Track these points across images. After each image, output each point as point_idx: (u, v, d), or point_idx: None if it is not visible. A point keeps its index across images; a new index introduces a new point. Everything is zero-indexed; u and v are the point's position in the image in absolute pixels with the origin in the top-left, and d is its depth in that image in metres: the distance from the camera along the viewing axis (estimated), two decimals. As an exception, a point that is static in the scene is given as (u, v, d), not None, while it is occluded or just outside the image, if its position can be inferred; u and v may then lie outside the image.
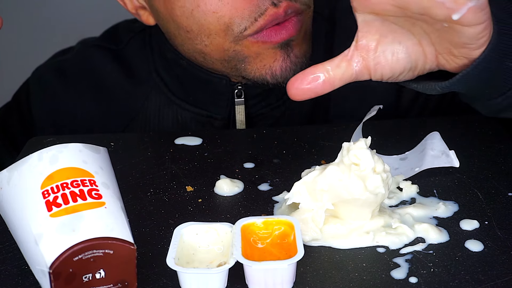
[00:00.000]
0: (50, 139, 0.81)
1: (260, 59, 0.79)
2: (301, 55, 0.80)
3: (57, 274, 0.51)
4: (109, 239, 0.52)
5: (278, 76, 0.79)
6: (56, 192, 0.54)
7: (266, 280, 0.54)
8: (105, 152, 0.59)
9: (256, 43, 0.78)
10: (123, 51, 0.97)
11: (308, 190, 0.61)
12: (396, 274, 0.57)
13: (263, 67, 0.80)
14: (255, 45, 0.78)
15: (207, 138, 0.80)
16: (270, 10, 0.76)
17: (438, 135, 0.72)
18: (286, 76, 0.79)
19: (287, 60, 0.79)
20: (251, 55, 0.79)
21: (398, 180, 0.69)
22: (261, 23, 0.76)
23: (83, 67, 0.97)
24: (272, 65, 0.79)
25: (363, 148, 0.60)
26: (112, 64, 0.96)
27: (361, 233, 0.61)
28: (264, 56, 0.79)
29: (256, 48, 0.78)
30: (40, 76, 0.99)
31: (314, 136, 0.80)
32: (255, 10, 0.76)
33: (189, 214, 0.66)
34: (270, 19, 0.76)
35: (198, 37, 0.80)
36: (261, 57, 0.79)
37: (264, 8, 0.76)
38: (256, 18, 0.76)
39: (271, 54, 0.79)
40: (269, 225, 0.59)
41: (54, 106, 0.96)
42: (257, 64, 0.80)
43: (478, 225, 0.63)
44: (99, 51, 0.97)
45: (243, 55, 0.79)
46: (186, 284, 0.55)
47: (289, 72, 0.79)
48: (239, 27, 0.77)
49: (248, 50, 0.79)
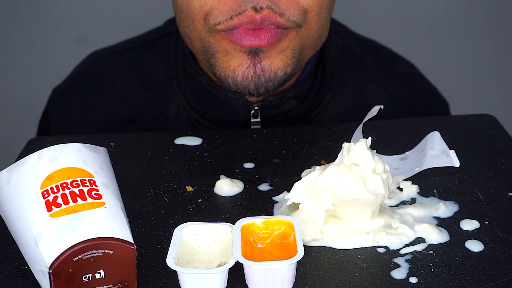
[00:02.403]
0: (50, 139, 0.81)
1: (227, 58, 0.78)
2: (270, 70, 0.77)
3: (57, 274, 0.51)
4: (109, 239, 0.52)
5: (238, 83, 0.78)
6: (56, 192, 0.54)
7: (266, 280, 0.54)
8: (105, 152, 0.59)
9: (226, 39, 0.77)
10: (138, 51, 0.96)
11: (308, 190, 0.61)
12: (396, 274, 0.57)
13: (228, 67, 0.78)
14: (225, 41, 0.77)
15: (207, 138, 0.80)
16: (249, 12, 0.75)
17: (438, 135, 0.72)
18: (246, 85, 0.77)
19: (251, 69, 0.77)
20: (220, 51, 0.78)
21: (398, 180, 0.69)
22: (235, 22, 0.75)
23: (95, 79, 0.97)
24: (236, 68, 0.78)
25: (364, 148, 0.60)
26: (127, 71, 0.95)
27: (361, 233, 0.61)
28: (231, 57, 0.78)
29: (225, 45, 0.77)
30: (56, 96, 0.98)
31: (314, 136, 0.80)
32: (234, 8, 0.75)
33: (189, 214, 0.66)
34: (245, 20, 0.75)
35: (186, 20, 0.79)
36: (228, 57, 0.78)
37: (244, 9, 0.75)
38: (232, 16, 0.75)
39: (238, 56, 0.77)
40: (269, 225, 0.59)
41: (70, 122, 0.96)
42: (224, 63, 0.78)
43: (479, 225, 0.63)
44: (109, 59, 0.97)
45: (214, 48, 0.78)
46: (186, 284, 0.55)
47: (250, 82, 0.77)
48: (214, 19, 0.76)
49: (219, 45, 0.78)
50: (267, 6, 0.74)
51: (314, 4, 0.77)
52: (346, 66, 0.94)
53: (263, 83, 0.77)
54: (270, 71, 0.77)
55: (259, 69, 0.77)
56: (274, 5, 0.75)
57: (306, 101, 0.89)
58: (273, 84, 0.78)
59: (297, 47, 0.79)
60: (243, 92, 0.78)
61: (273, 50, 0.77)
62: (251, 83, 0.77)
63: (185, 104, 0.91)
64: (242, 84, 0.78)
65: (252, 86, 0.77)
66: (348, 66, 0.94)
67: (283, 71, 0.78)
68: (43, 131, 0.98)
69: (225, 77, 0.78)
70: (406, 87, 0.97)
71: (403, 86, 0.97)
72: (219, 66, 0.79)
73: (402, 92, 0.96)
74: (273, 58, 0.77)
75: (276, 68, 0.78)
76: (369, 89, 0.94)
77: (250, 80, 0.77)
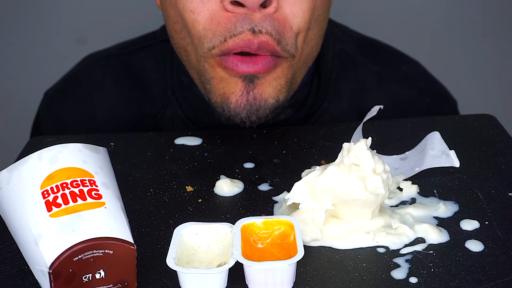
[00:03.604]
0: (50, 139, 0.81)
1: (222, 85, 0.75)
2: (261, 98, 0.74)
3: (57, 274, 0.51)
4: (109, 239, 0.52)
5: (231, 110, 0.75)
6: (56, 192, 0.54)
7: (266, 280, 0.54)
8: (105, 152, 0.59)
9: (220, 66, 0.74)
10: (133, 57, 0.94)
11: (308, 190, 0.61)
12: (396, 274, 0.57)
13: (223, 95, 0.75)
14: (219, 67, 0.74)
15: (207, 138, 0.80)
16: (246, 35, 0.71)
17: (438, 135, 0.72)
18: (238, 113, 0.75)
19: (244, 97, 0.74)
20: (215, 77, 0.75)
21: (398, 180, 0.69)
22: (230, 44, 0.71)
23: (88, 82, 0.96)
24: (230, 96, 0.75)
25: (364, 149, 0.60)
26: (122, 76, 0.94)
27: (361, 233, 0.61)
28: (227, 84, 0.75)
29: (220, 71, 0.74)
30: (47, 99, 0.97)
31: (314, 136, 0.80)
32: (229, 29, 0.71)
33: (189, 214, 0.66)
34: (241, 44, 0.71)
35: (182, 31, 0.76)
36: (224, 84, 0.75)
37: (241, 30, 0.71)
38: (226, 38, 0.71)
39: (233, 83, 0.74)
40: (269, 225, 0.59)
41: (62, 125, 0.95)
42: (220, 90, 0.75)
43: (478, 225, 0.63)
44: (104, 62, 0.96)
45: (210, 75, 0.75)
46: (186, 284, 0.55)
47: (242, 110, 0.75)
48: (208, 43, 0.73)
49: (213, 72, 0.75)
50: (267, 31, 0.71)
51: (305, 24, 0.74)
52: (343, 72, 0.92)
53: (254, 111, 0.75)
54: (261, 99, 0.74)
55: (251, 97, 0.74)
56: (274, 31, 0.71)
57: (302, 110, 0.88)
58: (264, 112, 0.75)
59: (290, 75, 0.76)
60: (235, 119, 0.76)
61: (268, 76, 0.74)
62: (243, 111, 0.75)
63: (180, 113, 0.90)
64: (235, 111, 0.75)
65: (244, 113, 0.75)
66: (346, 72, 0.92)
67: (274, 98, 0.76)
68: (36, 134, 0.97)
69: (220, 103, 0.76)
70: (411, 87, 0.95)
71: (407, 87, 0.95)
72: (214, 92, 0.76)
73: (406, 93, 0.94)
74: (265, 86, 0.75)
75: (267, 96, 0.75)
76: (370, 93, 0.92)
77: (242, 107, 0.74)
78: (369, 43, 0.99)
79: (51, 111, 0.96)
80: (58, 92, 0.97)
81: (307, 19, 0.74)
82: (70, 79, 0.98)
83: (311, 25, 0.75)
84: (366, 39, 0.99)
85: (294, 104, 0.86)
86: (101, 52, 0.99)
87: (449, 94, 0.99)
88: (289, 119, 0.87)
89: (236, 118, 0.76)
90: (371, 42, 1.00)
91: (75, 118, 0.94)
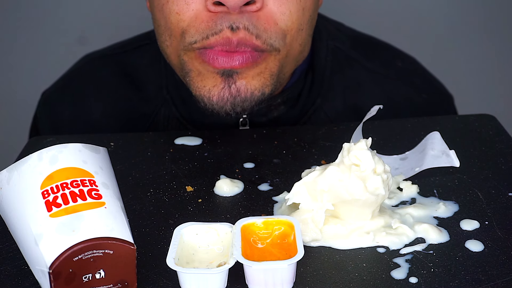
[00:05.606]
0: (50, 139, 0.81)
1: (201, 78, 0.76)
2: (246, 90, 0.75)
3: (57, 274, 0.51)
4: (109, 239, 0.52)
5: (214, 103, 0.76)
6: (56, 192, 0.54)
7: (266, 280, 0.54)
8: (105, 152, 0.59)
9: (199, 59, 0.75)
10: (129, 57, 0.95)
11: (308, 190, 0.61)
12: (396, 274, 0.57)
13: (203, 87, 0.76)
14: (197, 60, 0.75)
15: (207, 138, 0.80)
16: (225, 33, 0.72)
17: (438, 135, 0.72)
18: (222, 106, 0.75)
19: (226, 90, 0.75)
20: (194, 70, 0.76)
21: (398, 180, 0.69)
22: (211, 41, 0.73)
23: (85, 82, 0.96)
24: (211, 89, 0.75)
25: (364, 149, 0.60)
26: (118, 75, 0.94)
27: (361, 234, 0.61)
28: (205, 77, 0.76)
29: (198, 65, 0.76)
30: (45, 99, 0.98)
31: (314, 136, 0.80)
32: (211, 27, 0.73)
33: (189, 214, 0.66)
34: (221, 41, 0.73)
35: (163, 34, 0.78)
36: (202, 77, 0.76)
37: (220, 28, 0.72)
38: (208, 35, 0.73)
39: (211, 77, 0.75)
40: (269, 225, 0.59)
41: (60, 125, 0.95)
42: (199, 83, 0.76)
43: (478, 225, 0.63)
44: (100, 61, 0.96)
45: (188, 67, 0.77)
46: (186, 284, 0.55)
47: (225, 103, 0.75)
48: (190, 38, 0.74)
49: (192, 64, 0.76)
50: (244, 27, 0.72)
51: (293, 23, 0.75)
52: (337, 69, 0.92)
53: (239, 103, 0.75)
54: (246, 91, 0.75)
55: (234, 90, 0.75)
56: (251, 26, 0.73)
57: (295, 107, 0.88)
58: (249, 104, 0.76)
59: (276, 69, 0.77)
60: (219, 112, 0.76)
61: (249, 71, 0.75)
62: (227, 104, 0.75)
63: (175, 111, 0.90)
64: (218, 105, 0.75)
65: (228, 106, 0.75)
66: (340, 69, 0.92)
67: (260, 91, 0.76)
68: (34, 134, 0.98)
69: (200, 96, 0.76)
70: (406, 83, 0.95)
71: (402, 83, 0.95)
72: (194, 86, 0.77)
73: (401, 90, 0.94)
74: (249, 79, 0.75)
75: (253, 88, 0.75)
76: (364, 90, 0.92)
77: (226, 100, 0.75)
78: (364, 39, 0.99)
79: (47, 110, 0.97)
80: (54, 92, 0.98)
81: (294, 19, 0.75)
82: (66, 79, 0.98)
83: (303, 26, 0.76)
84: (361, 35, 0.99)
85: (287, 101, 0.87)
86: (96, 52, 1.00)
87: (445, 89, 0.99)
88: (282, 116, 0.87)
89: (220, 111, 0.76)
90: (366, 39, 1.00)
91: (71, 117, 0.95)
